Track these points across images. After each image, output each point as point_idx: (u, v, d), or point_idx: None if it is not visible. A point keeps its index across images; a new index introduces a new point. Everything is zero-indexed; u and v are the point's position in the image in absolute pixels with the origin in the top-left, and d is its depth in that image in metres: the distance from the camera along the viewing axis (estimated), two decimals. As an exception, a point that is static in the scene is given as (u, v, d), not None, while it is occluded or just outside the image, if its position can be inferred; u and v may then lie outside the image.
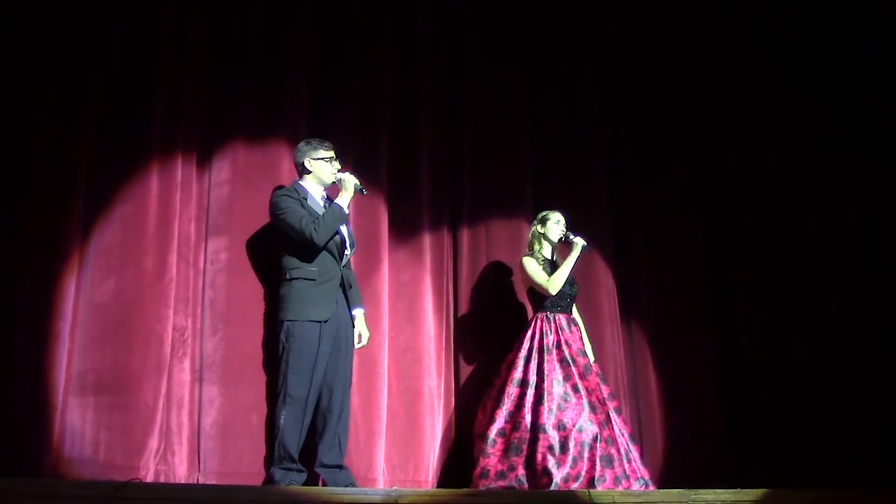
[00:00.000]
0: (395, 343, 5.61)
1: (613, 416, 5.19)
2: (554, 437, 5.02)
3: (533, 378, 5.24)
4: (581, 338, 5.42)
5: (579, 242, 5.48)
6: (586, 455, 4.95)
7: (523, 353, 5.34)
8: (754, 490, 4.78)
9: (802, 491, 5.07)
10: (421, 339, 5.69)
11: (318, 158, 5.04)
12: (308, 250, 4.81)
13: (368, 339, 5.10)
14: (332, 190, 5.10)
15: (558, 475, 4.88)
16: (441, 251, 5.98)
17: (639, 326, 6.23)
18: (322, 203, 5.02)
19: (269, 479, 4.69)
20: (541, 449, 5.00)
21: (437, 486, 5.39)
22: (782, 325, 6.33)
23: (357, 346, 5.01)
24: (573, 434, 5.00)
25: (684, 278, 6.39)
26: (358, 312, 5.08)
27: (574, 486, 4.84)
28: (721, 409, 6.15)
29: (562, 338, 5.32)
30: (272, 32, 5.72)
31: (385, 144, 5.88)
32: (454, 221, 6.09)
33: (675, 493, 4.79)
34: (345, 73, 5.89)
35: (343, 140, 5.62)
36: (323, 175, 5.04)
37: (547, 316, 5.44)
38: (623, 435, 5.18)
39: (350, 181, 4.95)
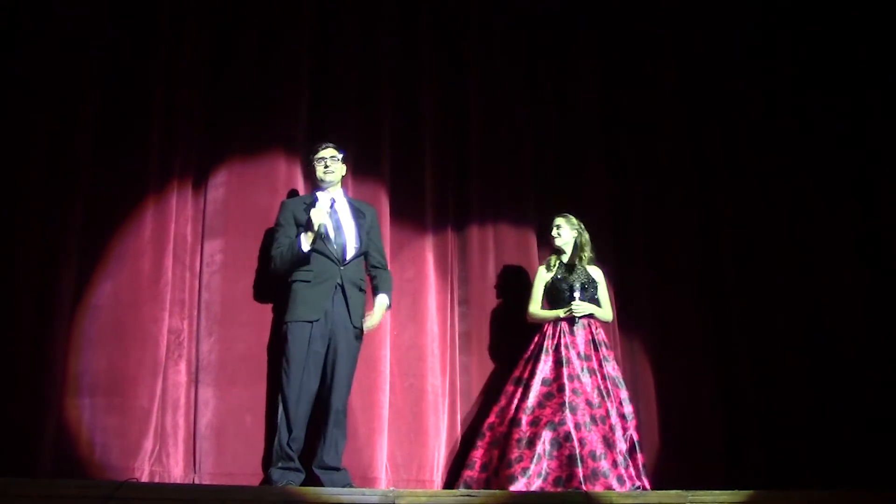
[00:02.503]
0: (398, 341, 5.61)
1: (615, 420, 5.18)
2: (525, 431, 5.08)
3: (525, 376, 5.31)
4: (589, 340, 5.38)
5: (576, 312, 5.40)
6: (554, 454, 4.98)
7: (527, 353, 5.41)
8: (751, 491, 4.78)
9: (798, 492, 5.08)
10: (425, 337, 5.69)
11: (312, 161, 5.14)
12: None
13: (372, 326, 5.01)
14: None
15: (520, 471, 4.94)
16: (445, 249, 5.97)
17: (637, 328, 6.21)
18: (330, 208, 5.00)
19: (266, 480, 4.70)
20: (511, 441, 5.08)
21: (443, 486, 5.41)
22: (780, 327, 6.34)
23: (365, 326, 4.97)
24: (544, 432, 5.02)
25: (683, 280, 6.40)
26: (378, 298, 5.08)
27: (537, 483, 4.88)
28: (718, 411, 6.13)
29: (562, 341, 5.33)
30: (270, 34, 5.74)
31: (387, 142, 5.90)
32: (459, 220, 6.09)
33: (672, 493, 4.80)
34: (344, 72, 5.90)
35: (344, 136, 5.63)
36: (318, 175, 5.11)
37: (555, 320, 5.46)
38: (623, 441, 5.15)
39: (315, 220, 4.87)
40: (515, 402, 5.25)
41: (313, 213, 4.89)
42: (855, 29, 6.79)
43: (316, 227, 4.87)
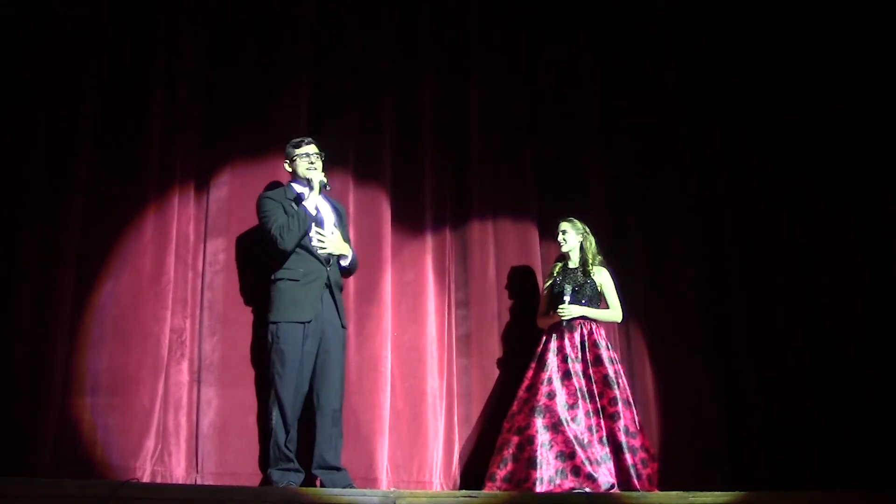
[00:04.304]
0: (398, 342, 5.60)
1: (594, 421, 5.17)
2: (504, 438, 5.21)
3: (519, 385, 5.39)
4: (579, 343, 5.39)
5: (562, 315, 5.44)
6: (518, 456, 5.07)
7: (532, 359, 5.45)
8: (752, 493, 4.78)
9: (799, 493, 5.07)
10: (424, 340, 5.67)
11: (297, 156, 5.08)
12: (283, 253, 4.84)
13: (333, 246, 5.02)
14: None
15: (489, 476, 5.11)
16: (443, 251, 5.95)
17: (636, 329, 6.18)
18: (312, 202, 5.00)
19: (266, 481, 4.70)
20: (494, 449, 5.22)
21: (441, 487, 5.41)
22: (780, 327, 6.32)
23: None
24: (512, 437, 5.14)
25: (682, 280, 6.35)
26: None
27: (505, 487, 5.00)
28: (718, 411, 6.10)
29: (549, 346, 5.40)
30: (270, 34, 5.75)
31: (388, 144, 5.89)
32: (458, 221, 6.07)
33: (673, 495, 4.80)
34: (344, 72, 5.90)
35: (345, 140, 5.71)
36: (303, 172, 5.06)
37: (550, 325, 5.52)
38: (604, 442, 5.14)
39: (315, 179, 4.97)
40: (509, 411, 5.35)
41: (313, 174, 4.96)
42: (855, 28, 6.78)
43: (317, 187, 4.92)
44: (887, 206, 6.45)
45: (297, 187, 5.05)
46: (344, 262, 5.07)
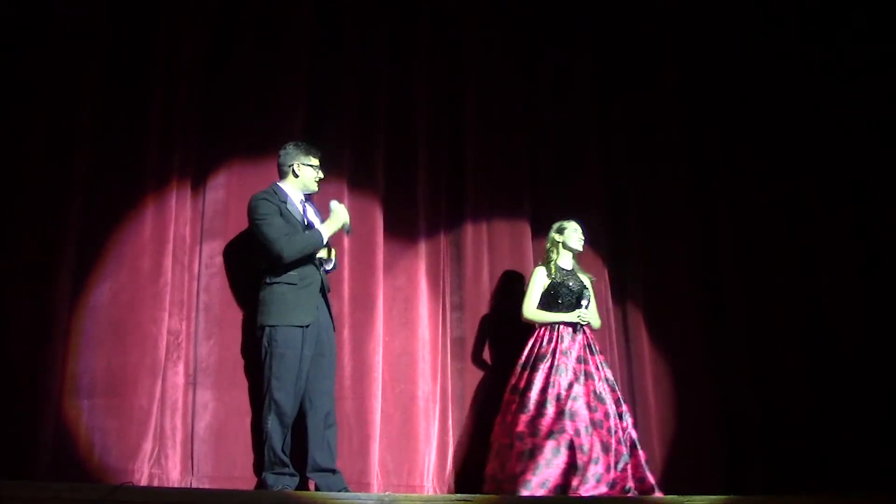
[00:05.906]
0: (389, 347, 5.57)
1: (613, 423, 5.15)
2: (527, 443, 5.05)
3: (522, 385, 5.28)
4: (585, 345, 5.38)
5: (582, 320, 5.42)
6: (554, 462, 4.97)
7: (522, 359, 5.37)
8: (747, 497, 4.78)
9: (794, 497, 5.07)
10: (416, 344, 5.65)
11: (308, 165, 5.05)
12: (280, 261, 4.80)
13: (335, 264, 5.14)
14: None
15: (523, 483, 4.95)
16: (437, 255, 5.94)
17: (636, 328, 6.19)
18: (301, 207, 5.01)
19: (261, 485, 4.69)
20: (513, 455, 5.07)
21: (434, 490, 5.41)
22: (780, 327, 6.32)
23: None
24: (546, 442, 5.01)
25: (682, 281, 6.36)
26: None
27: (540, 492, 4.88)
28: (719, 412, 6.09)
29: (558, 347, 5.32)
30: (269, 35, 5.75)
31: (381, 148, 5.87)
32: (452, 225, 6.05)
33: (669, 499, 4.80)
34: (341, 77, 5.89)
35: (340, 143, 5.70)
36: (308, 182, 5.05)
37: (552, 324, 5.44)
38: (622, 442, 5.13)
39: (341, 216, 4.98)
40: (514, 413, 5.21)
41: (340, 207, 5.01)
42: (855, 29, 6.76)
43: (337, 226, 4.96)
44: (887, 206, 6.44)
45: (290, 191, 5.03)
46: (328, 266, 5.07)
